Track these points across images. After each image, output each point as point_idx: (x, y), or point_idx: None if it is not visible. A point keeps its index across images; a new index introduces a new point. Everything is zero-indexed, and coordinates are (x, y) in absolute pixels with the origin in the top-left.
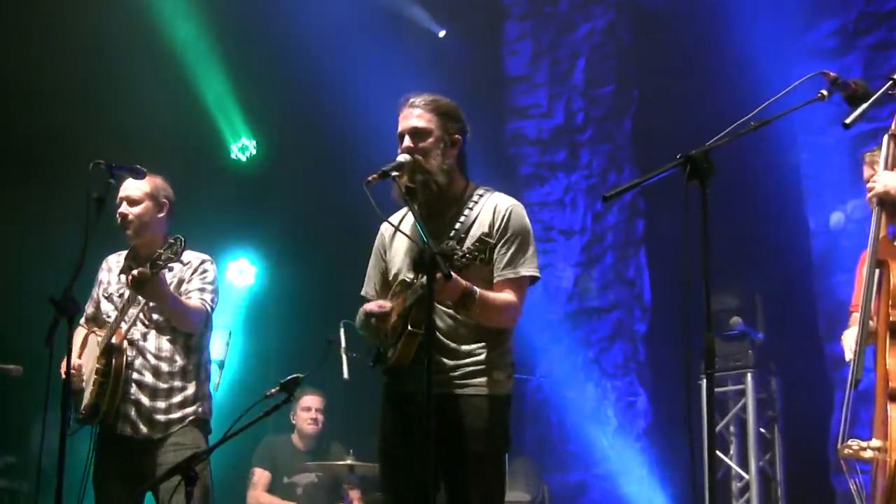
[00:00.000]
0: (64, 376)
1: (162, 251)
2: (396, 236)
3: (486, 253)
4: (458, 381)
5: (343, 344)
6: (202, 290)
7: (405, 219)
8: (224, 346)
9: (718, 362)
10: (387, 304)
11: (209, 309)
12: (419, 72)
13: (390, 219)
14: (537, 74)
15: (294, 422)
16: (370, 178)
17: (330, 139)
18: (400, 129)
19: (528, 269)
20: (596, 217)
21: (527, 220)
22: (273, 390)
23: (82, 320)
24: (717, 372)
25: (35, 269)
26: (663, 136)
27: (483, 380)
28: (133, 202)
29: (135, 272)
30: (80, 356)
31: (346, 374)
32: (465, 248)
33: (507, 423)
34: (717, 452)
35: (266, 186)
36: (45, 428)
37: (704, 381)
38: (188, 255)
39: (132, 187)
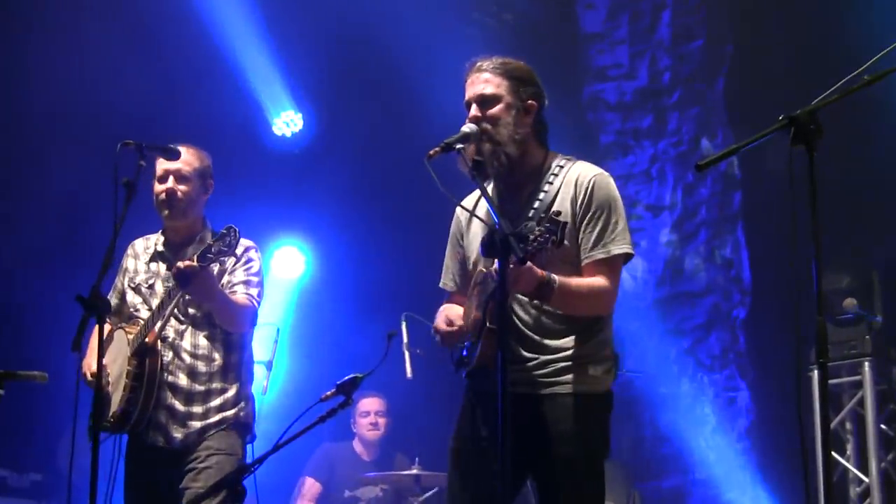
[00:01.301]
0: (90, 377)
1: (212, 242)
2: (473, 219)
3: (559, 234)
4: (544, 380)
5: (405, 339)
6: (247, 283)
7: (482, 199)
8: (272, 344)
9: (831, 350)
10: (456, 322)
11: (256, 305)
12: (484, 32)
13: (467, 200)
14: (617, 31)
15: (354, 429)
16: (431, 153)
17: (387, 109)
18: (467, 96)
19: (619, 246)
20: (687, 190)
21: (614, 189)
22: (328, 393)
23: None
24: (831, 361)
25: (58, 265)
26: (762, 96)
27: (571, 376)
28: (183, 178)
29: (181, 264)
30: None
31: (409, 373)
32: (535, 232)
33: (606, 425)
34: (832, 453)
35: (314, 165)
36: (74, 442)
37: (816, 371)
38: None
39: (180, 160)
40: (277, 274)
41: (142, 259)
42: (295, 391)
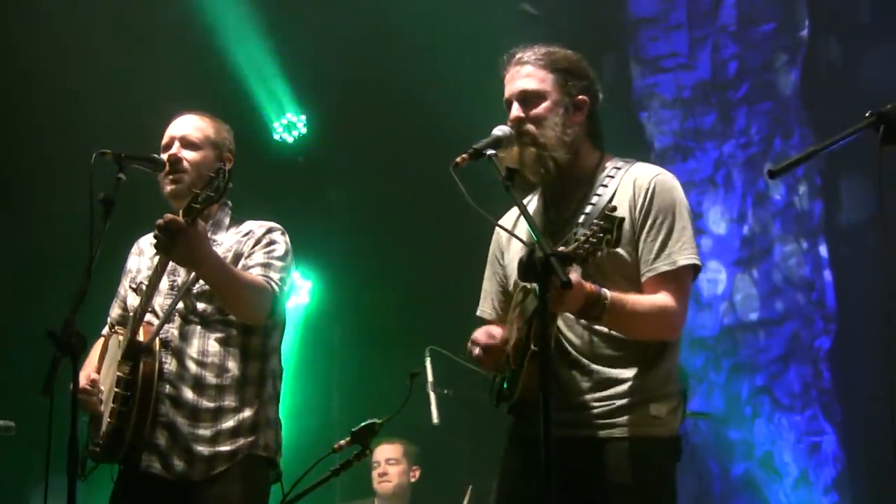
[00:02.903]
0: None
1: (199, 191)
2: (515, 232)
3: (614, 232)
4: (599, 420)
5: (430, 378)
6: (267, 265)
7: (528, 206)
8: None
9: None
10: (497, 332)
11: (276, 290)
12: (515, 18)
13: (508, 214)
14: (673, 13)
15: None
16: (458, 160)
17: (405, 109)
18: (506, 93)
19: (686, 257)
20: (758, 199)
21: (679, 191)
22: (342, 442)
23: (105, 329)
24: None
25: (29, 297)
26: (845, 89)
27: (630, 416)
28: (190, 144)
29: (160, 220)
30: (98, 369)
31: (435, 418)
32: (584, 233)
33: (671, 477)
34: None
35: (321, 175)
36: (47, 497)
37: None
38: (249, 224)
39: (189, 126)
40: None
41: (146, 255)
42: (302, 441)
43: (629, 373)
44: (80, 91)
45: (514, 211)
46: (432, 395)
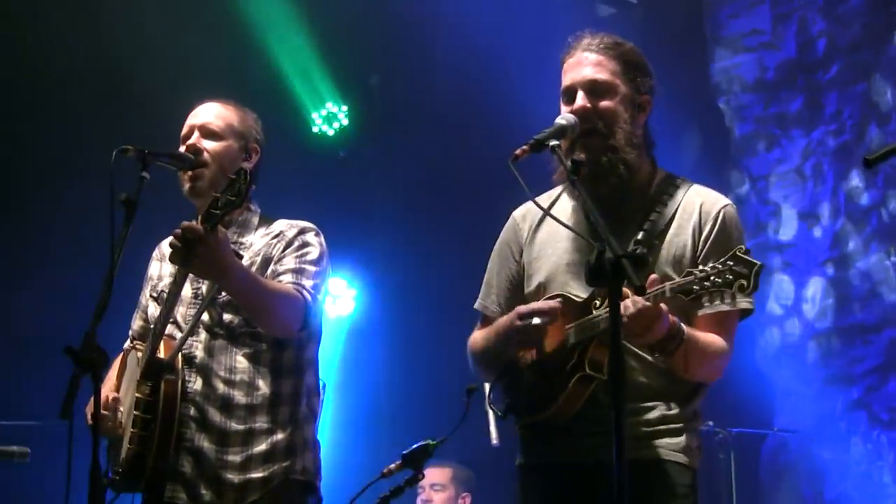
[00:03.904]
0: (90, 421)
1: (219, 194)
2: (543, 228)
3: (751, 280)
4: (636, 443)
5: (489, 394)
6: (299, 272)
7: (556, 204)
8: None
9: None
10: (555, 304)
11: (308, 299)
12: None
13: (521, 210)
14: None
15: None
16: (518, 152)
17: (456, 100)
18: (568, 81)
19: (745, 300)
20: (852, 193)
21: (741, 226)
22: (393, 466)
23: (127, 343)
24: None
25: (46, 309)
26: None
27: (671, 442)
28: (211, 134)
29: (177, 229)
30: (117, 387)
31: (494, 439)
32: (705, 270)
33: None
34: None
35: (364, 171)
36: None
37: None
38: (279, 224)
39: (210, 113)
40: None
41: (168, 260)
42: (349, 464)
43: (668, 405)
44: (96, 79)
45: (543, 199)
46: (491, 413)
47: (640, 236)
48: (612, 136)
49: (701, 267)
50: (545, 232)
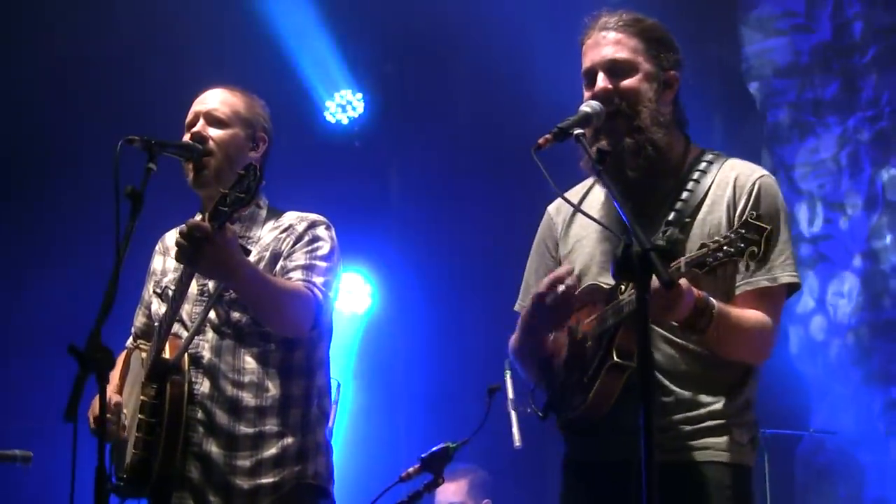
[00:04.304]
0: (94, 424)
1: (227, 190)
2: (576, 221)
3: (761, 244)
4: (682, 443)
5: (511, 395)
6: (308, 268)
7: (589, 195)
8: (331, 405)
9: None
10: (568, 266)
11: (319, 297)
12: None
13: (568, 195)
14: None
15: None
16: (541, 141)
17: (479, 86)
18: (587, 63)
19: (789, 274)
20: (891, 182)
21: (781, 198)
22: (411, 470)
23: (129, 341)
24: None
25: (49, 306)
26: None
27: (723, 440)
28: (217, 121)
29: (183, 227)
30: (120, 389)
31: (517, 441)
32: (717, 239)
33: None
34: None
35: (381, 162)
36: None
37: None
38: (289, 216)
39: (216, 100)
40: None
41: (172, 253)
42: (364, 467)
43: (712, 397)
44: (100, 65)
45: (575, 193)
46: (513, 414)
47: (671, 217)
48: (636, 116)
49: (723, 235)
50: (578, 225)
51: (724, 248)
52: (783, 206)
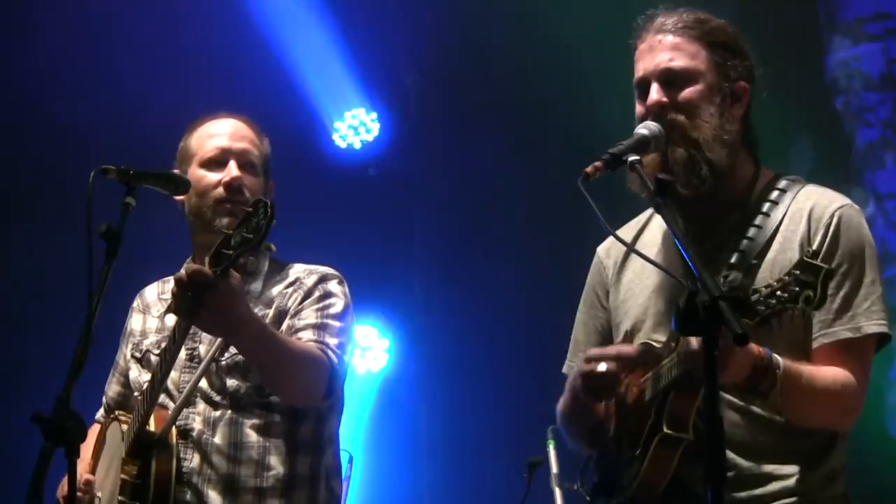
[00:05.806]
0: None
1: (232, 231)
2: (630, 264)
3: (817, 288)
4: None
5: (555, 469)
6: (321, 328)
7: (644, 232)
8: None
9: None
10: (630, 349)
11: (334, 360)
12: None
13: (620, 232)
14: None
15: None
16: (589, 170)
17: (512, 106)
18: (641, 71)
19: (875, 322)
20: None
21: (868, 231)
22: None
23: (100, 413)
24: None
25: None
26: None
27: None
28: (250, 167)
29: (182, 273)
30: (93, 468)
31: None
32: (770, 283)
33: None
34: None
35: (399, 194)
36: None
37: None
38: (296, 269)
39: (245, 139)
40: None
41: (154, 312)
42: None
43: (787, 469)
44: (83, 79)
45: (629, 231)
46: (558, 492)
47: (733, 259)
48: (695, 131)
49: (777, 279)
50: (632, 270)
51: (778, 293)
52: (870, 242)
